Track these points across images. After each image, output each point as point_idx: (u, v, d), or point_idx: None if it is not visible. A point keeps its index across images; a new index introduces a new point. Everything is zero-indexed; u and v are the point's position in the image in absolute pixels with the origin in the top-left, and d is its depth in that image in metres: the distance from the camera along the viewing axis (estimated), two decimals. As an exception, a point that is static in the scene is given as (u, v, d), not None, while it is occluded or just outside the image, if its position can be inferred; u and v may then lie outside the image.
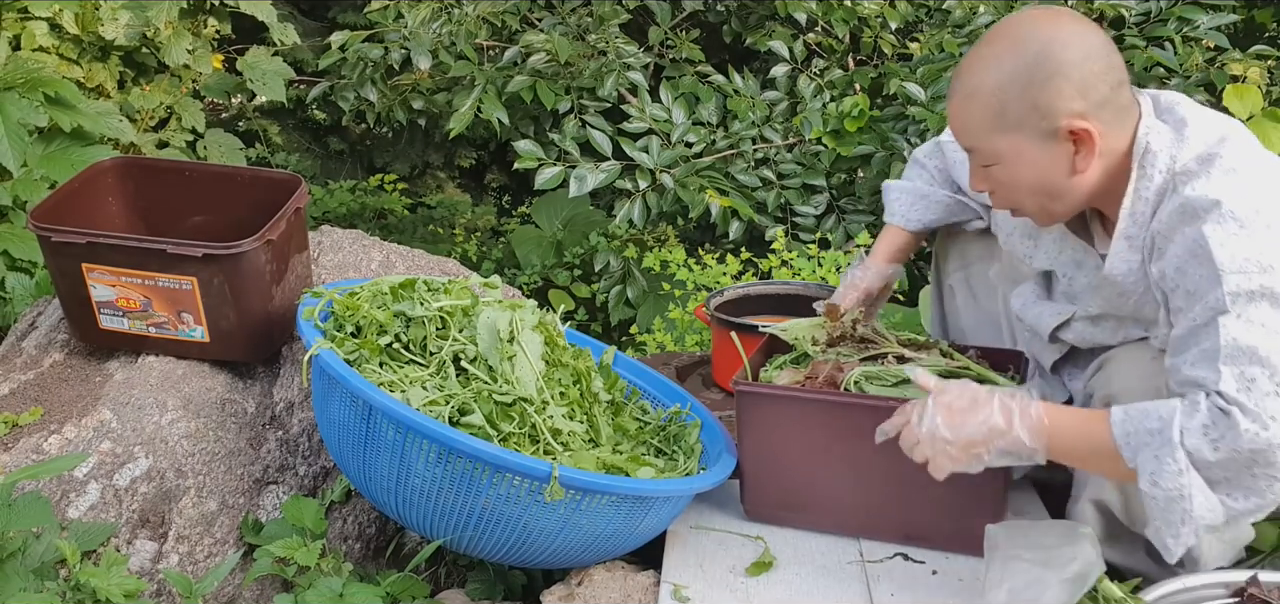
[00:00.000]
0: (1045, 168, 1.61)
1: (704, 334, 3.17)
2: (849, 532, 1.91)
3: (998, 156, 1.62)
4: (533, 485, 1.66)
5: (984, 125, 1.61)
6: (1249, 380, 1.45)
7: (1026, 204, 1.68)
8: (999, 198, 1.71)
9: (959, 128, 1.67)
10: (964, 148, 1.69)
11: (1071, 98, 1.55)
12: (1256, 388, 1.45)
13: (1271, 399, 1.44)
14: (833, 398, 1.85)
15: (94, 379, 2.18)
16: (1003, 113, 1.58)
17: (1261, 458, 1.45)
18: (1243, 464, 1.46)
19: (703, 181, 3.50)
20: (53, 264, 2.16)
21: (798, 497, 1.91)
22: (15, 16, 3.41)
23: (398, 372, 1.82)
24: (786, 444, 1.89)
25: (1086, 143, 1.58)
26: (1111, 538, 1.77)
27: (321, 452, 2.15)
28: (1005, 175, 1.64)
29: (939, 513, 1.82)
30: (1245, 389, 1.45)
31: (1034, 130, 1.58)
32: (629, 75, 3.76)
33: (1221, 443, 1.46)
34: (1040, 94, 1.56)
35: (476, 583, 1.94)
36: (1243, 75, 3.17)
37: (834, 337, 1.98)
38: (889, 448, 1.73)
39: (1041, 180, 1.62)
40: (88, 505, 1.93)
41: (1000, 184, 1.67)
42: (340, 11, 4.78)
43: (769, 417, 1.90)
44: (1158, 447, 1.49)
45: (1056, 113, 1.56)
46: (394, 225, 4.94)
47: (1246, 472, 1.47)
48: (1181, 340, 1.54)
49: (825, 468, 1.88)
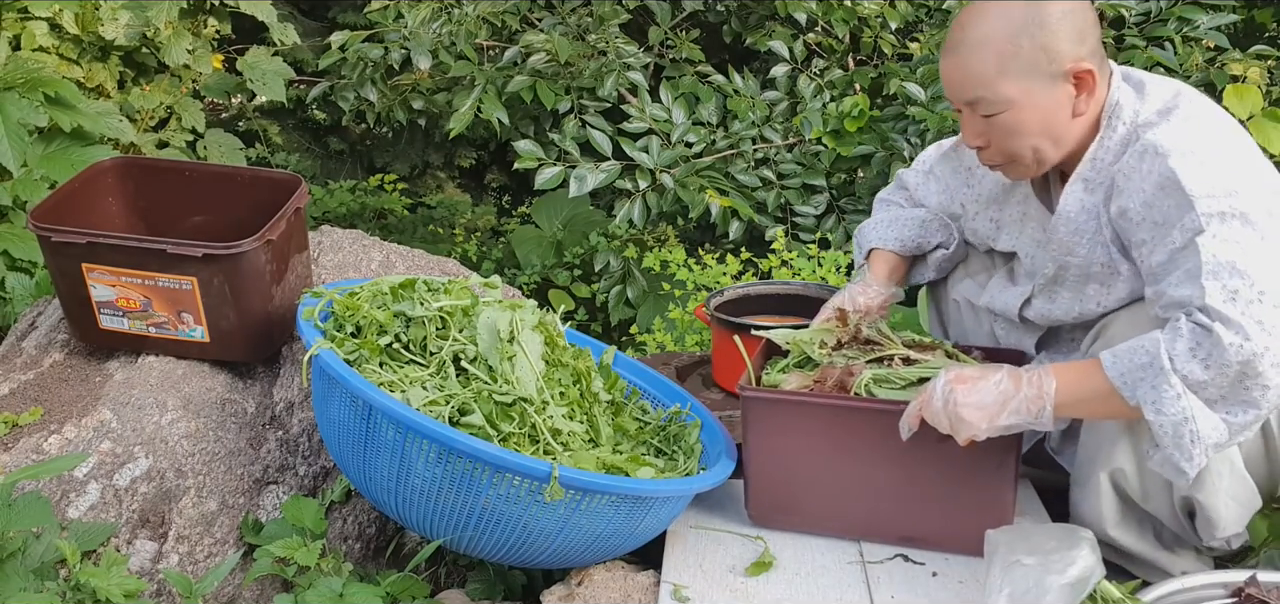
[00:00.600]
0: (1051, 110, 1.70)
1: (704, 334, 3.17)
2: (857, 535, 1.90)
3: (1007, 102, 1.69)
4: (532, 485, 1.66)
5: (994, 71, 1.68)
6: (1232, 291, 1.52)
7: (1024, 151, 1.74)
8: (994, 149, 1.76)
9: (964, 79, 1.72)
10: (964, 103, 1.74)
11: (1075, 42, 1.67)
12: (1240, 297, 1.52)
13: (1255, 306, 1.51)
14: (847, 402, 1.83)
15: (94, 379, 2.18)
16: (1016, 57, 1.67)
17: (1249, 369, 1.51)
18: (1233, 379, 1.52)
19: (703, 181, 3.50)
20: (53, 264, 2.16)
21: (806, 501, 1.90)
22: (15, 16, 3.41)
23: (398, 372, 1.82)
24: (797, 449, 1.87)
25: (1087, 84, 1.69)
26: (1123, 519, 1.79)
27: (321, 452, 2.15)
28: (1011, 121, 1.71)
29: (949, 516, 1.81)
30: (1230, 300, 1.52)
31: (1043, 73, 1.67)
32: (629, 75, 3.76)
33: (1209, 361, 1.52)
34: (1050, 39, 1.66)
35: (476, 583, 1.94)
36: (1243, 75, 3.17)
37: (841, 340, 1.97)
38: (900, 451, 1.74)
39: (1046, 122, 1.71)
40: (88, 505, 1.93)
41: (1002, 131, 1.73)
42: (340, 11, 4.78)
43: (779, 422, 1.87)
44: (1153, 378, 1.55)
45: (1062, 56, 1.67)
46: (394, 225, 4.94)
47: (1238, 386, 1.53)
48: (1162, 267, 1.63)
49: (836, 472, 1.86)
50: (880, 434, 1.77)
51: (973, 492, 1.79)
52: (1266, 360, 1.50)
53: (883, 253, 2.11)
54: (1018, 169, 1.79)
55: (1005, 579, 1.58)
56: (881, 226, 2.14)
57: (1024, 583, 1.56)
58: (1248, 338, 1.49)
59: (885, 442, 1.78)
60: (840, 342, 1.96)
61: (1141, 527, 1.80)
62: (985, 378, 1.67)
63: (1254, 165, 1.66)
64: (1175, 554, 1.80)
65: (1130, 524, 1.80)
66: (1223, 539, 1.74)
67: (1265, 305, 1.51)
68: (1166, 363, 1.53)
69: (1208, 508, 1.70)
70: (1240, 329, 1.50)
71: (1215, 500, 1.70)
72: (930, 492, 1.81)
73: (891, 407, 1.78)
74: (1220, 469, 1.69)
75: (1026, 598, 1.54)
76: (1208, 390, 1.53)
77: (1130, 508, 1.79)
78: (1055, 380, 1.63)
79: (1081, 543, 1.61)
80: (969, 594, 1.74)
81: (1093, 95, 1.70)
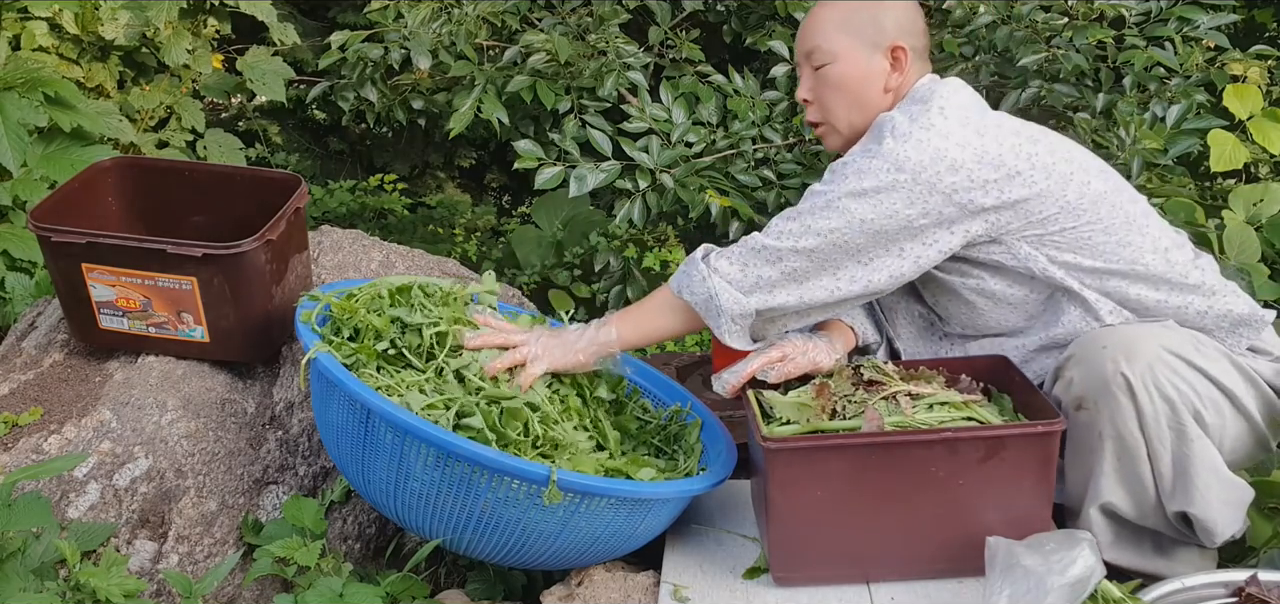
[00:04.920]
0: (866, 77, 1.91)
1: (704, 334, 3.16)
2: (899, 576, 1.78)
3: (833, 55, 1.91)
4: (531, 489, 1.66)
5: (832, 26, 1.92)
6: (780, 229, 1.80)
7: (839, 111, 1.93)
8: (816, 105, 1.96)
9: (810, 28, 1.96)
10: (803, 54, 1.97)
11: (901, 29, 1.91)
12: (784, 230, 1.80)
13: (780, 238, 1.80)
14: (889, 439, 1.71)
15: (94, 379, 2.18)
16: (852, 17, 1.91)
17: (763, 251, 1.80)
18: (752, 250, 1.81)
19: (703, 181, 3.49)
20: (53, 264, 2.15)
21: (846, 550, 1.77)
22: (15, 16, 3.41)
23: (395, 376, 1.82)
24: (838, 497, 1.73)
25: (900, 63, 1.90)
26: (1117, 540, 1.80)
27: (321, 452, 2.14)
28: (834, 74, 1.92)
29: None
30: (775, 229, 1.81)
31: (868, 40, 1.90)
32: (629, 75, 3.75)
33: (744, 254, 1.81)
34: (883, 15, 1.91)
35: (476, 583, 1.94)
36: (1243, 75, 3.17)
37: (835, 407, 1.85)
38: (947, 484, 1.71)
39: (860, 87, 1.91)
40: (88, 505, 1.93)
41: (826, 85, 1.93)
42: (340, 11, 4.78)
43: (817, 471, 1.72)
44: (688, 267, 1.87)
45: (887, 32, 1.90)
46: (394, 225, 4.93)
47: (755, 255, 1.81)
48: None
49: (879, 513, 1.74)
50: (923, 465, 1.70)
51: (1020, 509, 1.73)
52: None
53: (843, 326, 2.06)
54: (831, 135, 1.97)
55: (1006, 580, 1.58)
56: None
57: (1024, 584, 1.56)
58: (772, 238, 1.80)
59: (925, 473, 1.71)
60: (835, 410, 1.84)
61: (1139, 543, 1.81)
62: (573, 333, 1.93)
63: (958, 155, 1.75)
64: (1176, 560, 1.80)
65: (1126, 544, 1.80)
66: (1223, 539, 1.76)
67: (794, 238, 1.78)
68: (699, 256, 1.86)
69: (1203, 520, 1.72)
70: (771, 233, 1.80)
71: (1208, 511, 1.72)
72: (972, 519, 1.74)
73: (942, 435, 1.70)
74: (1208, 481, 1.71)
75: (1027, 598, 1.54)
76: (732, 272, 1.82)
77: (1125, 529, 1.80)
78: (616, 325, 1.91)
79: (1081, 543, 1.61)
80: (969, 597, 1.74)
81: (902, 76, 1.90)
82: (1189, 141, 3.10)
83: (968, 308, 1.94)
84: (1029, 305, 1.90)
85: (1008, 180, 1.75)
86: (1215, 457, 1.72)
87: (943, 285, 1.93)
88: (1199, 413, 1.71)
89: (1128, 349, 1.70)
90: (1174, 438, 1.70)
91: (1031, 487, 1.73)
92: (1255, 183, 3.25)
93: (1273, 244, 2.92)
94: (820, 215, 1.78)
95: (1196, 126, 3.12)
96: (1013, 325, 1.94)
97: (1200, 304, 1.84)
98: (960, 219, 1.76)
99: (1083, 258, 1.82)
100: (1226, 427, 1.76)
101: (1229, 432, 1.77)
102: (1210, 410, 1.73)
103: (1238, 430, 1.78)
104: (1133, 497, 1.75)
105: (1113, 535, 1.79)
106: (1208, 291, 1.85)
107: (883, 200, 1.74)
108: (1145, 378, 1.68)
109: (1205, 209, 3.04)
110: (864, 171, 1.76)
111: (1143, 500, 1.75)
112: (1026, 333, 1.92)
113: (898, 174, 1.73)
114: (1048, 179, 1.78)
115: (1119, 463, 1.73)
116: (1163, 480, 1.73)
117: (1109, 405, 1.70)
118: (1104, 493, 1.75)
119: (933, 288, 1.97)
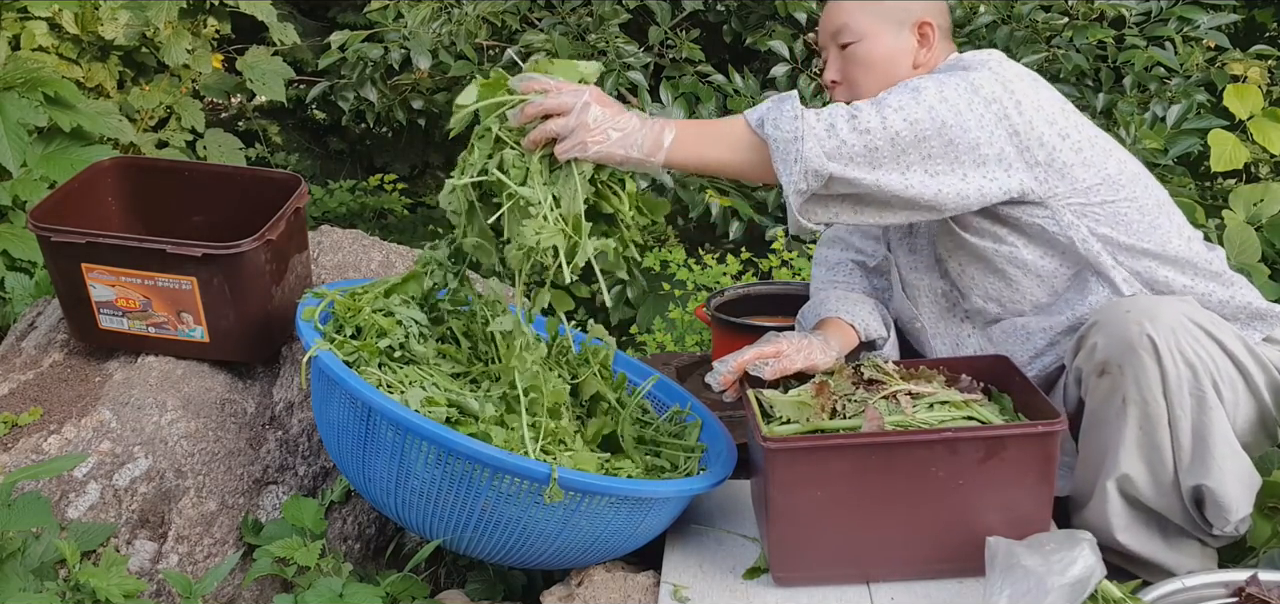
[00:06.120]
0: (894, 54, 1.94)
1: (704, 334, 3.17)
2: (899, 576, 1.77)
3: (861, 34, 1.94)
4: (532, 487, 1.66)
5: (859, 4, 1.95)
6: (882, 103, 1.75)
7: (869, 90, 1.91)
8: (845, 86, 1.97)
9: (837, 8, 1.97)
10: (830, 35, 1.98)
11: (926, 7, 1.95)
12: (884, 107, 1.75)
13: (882, 115, 1.74)
14: (890, 439, 1.70)
15: (94, 379, 2.18)
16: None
17: (852, 119, 1.74)
18: (839, 114, 1.75)
19: (703, 181, 3.50)
20: (52, 264, 2.16)
21: (846, 550, 1.75)
22: (15, 16, 3.41)
23: (397, 373, 1.82)
24: (839, 497, 1.71)
25: (928, 39, 1.94)
26: (1131, 522, 1.80)
27: (321, 452, 2.14)
28: (863, 52, 1.94)
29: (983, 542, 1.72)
30: (875, 104, 1.76)
31: (895, 19, 1.94)
32: (629, 75, 3.75)
33: (822, 116, 1.75)
34: None
35: (476, 583, 1.94)
36: (1243, 75, 3.17)
37: (835, 406, 1.84)
38: (948, 484, 1.71)
39: (888, 65, 1.94)
40: (87, 505, 1.93)
41: (855, 63, 1.95)
42: (340, 11, 4.78)
43: (818, 471, 1.70)
44: (778, 104, 1.77)
45: (914, 11, 1.94)
46: (394, 225, 4.93)
47: (841, 119, 1.74)
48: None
49: (880, 513, 1.73)
50: (927, 465, 1.69)
51: (1022, 510, 1.72)
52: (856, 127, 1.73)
53: (843, 325, 2.05)
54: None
55: (1006, 580, 1.58)
56: (848, 303, 2.09)
57: (1024, 584, 1.56)
58: (879, 114, 1.73)
59: (925, 472, 1.70)
60: (835, 409, 1.83)
61: (1149, 528, 1.81)
62: (622, 110, 1.79)
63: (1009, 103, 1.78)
64: (1180, 552, 1.80)
65: (1138, 527, 1.81)
66: (1234, 524, 1.76)
67: (880, 116, 1.73)
68: (794, 94, 1.78)
69: (1217, 492, 1.73)
70: (870, 110, 1.74)
71: (1224, 483, 1.72)
72: (973, 519, 1.73)
73: (943, 435, 1.69)
74: (1225, 453, 1.72)
75: (1027, 598, 1.54)
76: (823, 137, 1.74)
77: (1138, 511, 1.80)
78: (676, 130, 1.77)
79: (1081, 543, 1.61)
80: (969, 597, 1.74)
81: (930, 52, 1.94)
82: (1189, 141, 3.10)
83: (996, 278, 1.94)
84: (1057, 280, 1.90)
85: (1061, 140, 1.80)
86: (1231, 431, 1.74)
87: (973, 252, 1.93)
88: (1217, 383, 1.73)
89: (1152, 313, 1.72)
90: (1194, 405, 1.72)
91: (1032, 487, 1.73)
92: (1255, 183, 3.25)
93: (1273, 244, 2.92)
94: (909, 104, 1.75)
95: (1197, 126, 3.12)
96: (1037, 301, 1.93)
97: (1222, 293, 1.88)
98: (1016, 165, 1.78)
99: (1119, 233, 1.85)
100: (1239, 404, 1.78)
101: (1241, 410, 1.79)
102: (1227, 384, 1.74)
103: (1248, 411, 1.80)
104: (1150, 469, 1.75)
105: (1127, 516, 1.79)
106: (1228, 281, 1.89)
107: (961, 111, 1.75)
108: (1170, 341, 1.70)
109: (1205, 209, 3.04)
110: (945, 82, 1.78)
111: (1160, 474, 1.75)
112: (1049, 312, 1.92)
113: (974, 95, 1.76)
114: (1092, 149, 1.83)
115: (1140, 431, 1.73)
116: (1181, 451, 1.73)
117: (1134, 366, 1.71)
118: (1123, 464, 1.75)
119: (960, 256, 1.96)
